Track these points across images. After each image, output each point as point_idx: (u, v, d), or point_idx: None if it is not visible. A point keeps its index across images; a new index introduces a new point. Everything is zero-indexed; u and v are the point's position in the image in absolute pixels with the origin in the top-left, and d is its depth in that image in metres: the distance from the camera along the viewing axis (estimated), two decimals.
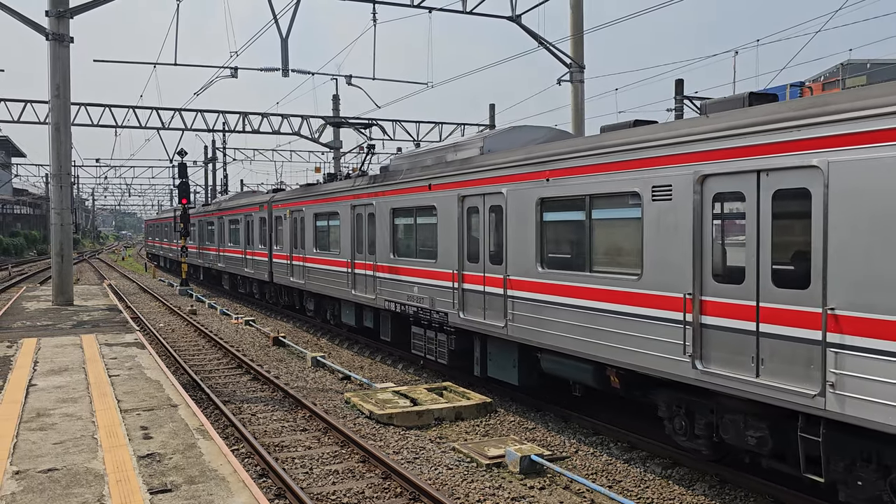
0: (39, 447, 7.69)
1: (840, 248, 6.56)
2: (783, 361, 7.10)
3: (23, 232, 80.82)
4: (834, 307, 6.63)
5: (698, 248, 8.02)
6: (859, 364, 6.44)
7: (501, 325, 11.50)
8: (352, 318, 18.14)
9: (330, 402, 12.71)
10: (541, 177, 10.53)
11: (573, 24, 22.57)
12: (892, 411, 6.16)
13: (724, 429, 8.12)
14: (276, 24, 20.99)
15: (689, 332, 8.05)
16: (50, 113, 20.60)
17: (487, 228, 11.97)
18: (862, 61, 44.49)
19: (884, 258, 6.21)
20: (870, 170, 6.31)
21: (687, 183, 8.10)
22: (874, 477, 6.66)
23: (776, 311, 7.18)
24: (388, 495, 8.26)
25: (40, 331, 16.24)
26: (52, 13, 19.82)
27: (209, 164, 57.90)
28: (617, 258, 9.37)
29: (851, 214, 6.47)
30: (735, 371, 7.56)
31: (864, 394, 6.39)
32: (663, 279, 8.44)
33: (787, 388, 6.99)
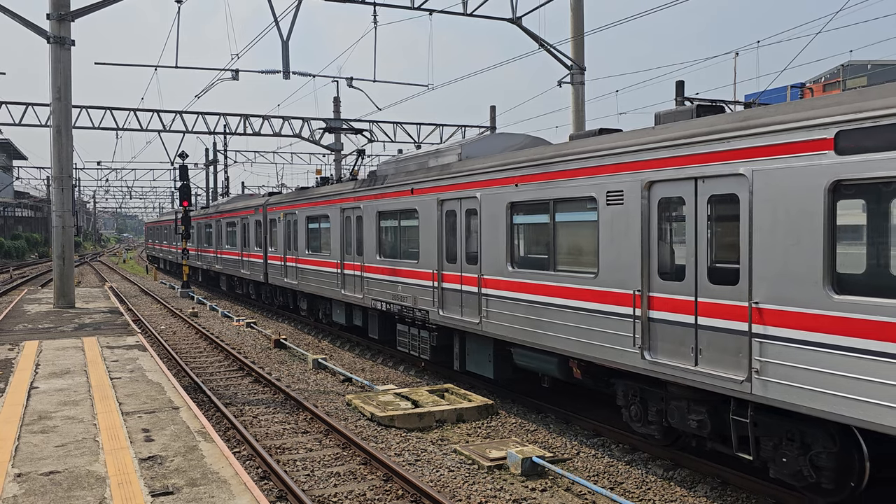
0: (41, 450, 7.69)
1: (762, 247, 7.29)
2: (717, 351, 7.81)
3: (24, 234, 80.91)
4: (758, 301, 7.34)
5: (646, 248, 8.74)
6: (779, 352, 7.15)
7: (476, 321, 12.14)
8: (342, 317, 18.82)
9: (331, 404, 12.71)
10: (511, 182, 11.25)
11: (573, 25, 22.59)
12: (808, 394, 6.86)
13: (671, 414, 8.84)
14: (277, 26, 21.02)
15: (639, 325, 8.77)
16: (51, 116, 20.61)
17: (464, 231, 12.69)
18: (863, 62, 44.49)
19: (796, 257, 6.98)
20: (785, 178, 7.07)
21: (636, 188, 8.83)
22: (796, 454, 7.37)
23: (712, 306, 7.90)
24: (390, 497, 8.26)
25: (42, 333, 16.25)
26: (54, 16, 19.85)
27: (210, 166, 57.96)
28: (577, 258, 10.13)
29: (771, 217, 7.21)
30: (678, 361, 8.27)
31: (783, 379, 7.11)
32: (616, 277, 9.19)
33: (721, 374, 7.72)
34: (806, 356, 6.89)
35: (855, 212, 6.72)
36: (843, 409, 6.61)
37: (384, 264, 15.63)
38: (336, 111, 38.21)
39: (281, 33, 21.09)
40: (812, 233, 6.84)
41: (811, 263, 6.85)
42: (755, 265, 7.36)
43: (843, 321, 6.60)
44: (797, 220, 6.96)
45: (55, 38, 19.84)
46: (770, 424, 7.60)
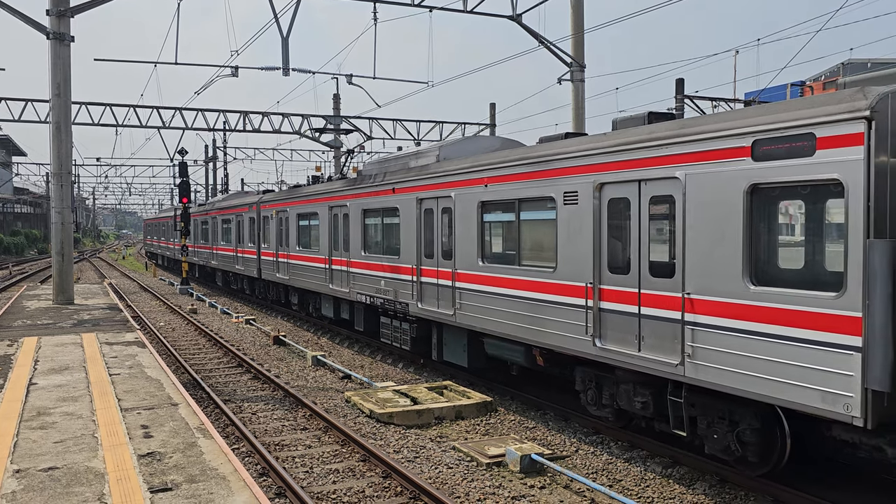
0: (40, 446, 7.69)
1: (693, 244, 8.09)
2: (657, 338, 8.61)
3: (23, 231, 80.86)
4: (689, 292, 8.15)
5: (598, 244, 9.54)
6: (707, 338, 7.94)
7: (451, 313, 12.98)
8: (330, 310, 19.68)
9: (330, 401, 12.72)
10: (481, 183, 12.07)
11: (573, 23, 22.57)
12: (732, 376, 7.64)
13: (620, 397, 9.65)
14: (277, 22, 20.99)
15: (591, 315, 9.60)
16: (51, 112, 20.59)
17: (440, 228, 13.49)
18: (862, 60, 44.49)
19: (720, 252, 7.79)
20: (712, 181, 7.88)
21: (588, 190, 9.65)
22: (725, 431, 8.16)
23: (652, 297, 8.71)
24: (389, 494, 8.27)
25: (41, 329, 16.25)
26: (53, 12, 19.81)
27: (210, 163, 57.93)
28: (539, 253, 10.91)
29: (700, 217, 8.01)
30: (624, 347, 9.08)
31: (711, 362, 7.88)
32: (572, 271, 10.01)
33: (659, 359, 8.52)
34: (729, 341, 7.68)
35: (769, 212, 7.52)
36: (761, 390, 7.34)
37: (368, 260, 16.42)
38: (336, 108, 38.19)
39: (281, 30, 21.06)
40: (733, 230, 7.64)
41: (733, 258, 7.64)
42: (687, 260, 8.17)
43: (760, 309, 7.37)
44: (721, 219, 7.77)
45: (54, 34, 19.80)
46: (702, 404, 8.38)
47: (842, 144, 6.68)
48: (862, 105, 6.50)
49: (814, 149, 6.88)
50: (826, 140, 6.79)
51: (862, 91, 6.65)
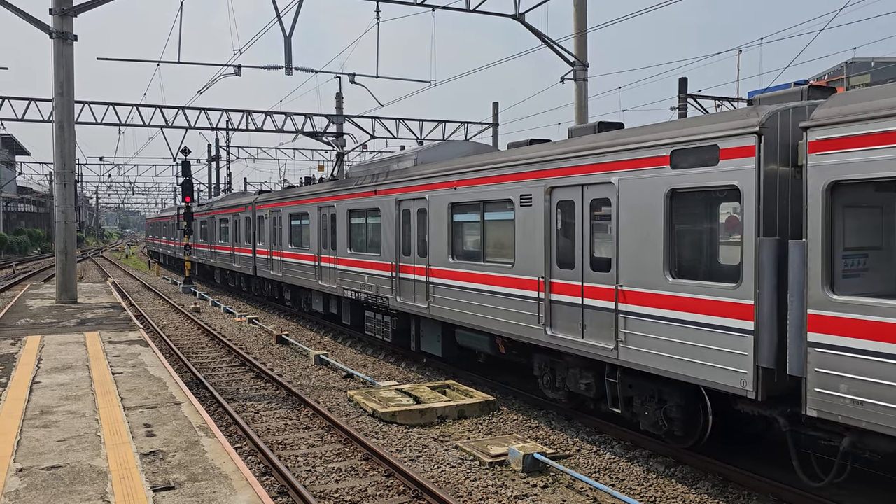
0: (43, 444, 7.70)
1: (625, 241, 9.08)
2: (596, 326, 9.63)
3: (27, 230, 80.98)
4: (622, 284, 9.14)
5: (549, 242, 10.55)
6: (635, 325, 8.94)
7: (426, 306, 13.94)
8: (320, 305, 20.74)
9: (333, 400, 12.72)
10: (451, 185, 13.05)
11: (576, 22, 22.53)
12: (656, 358, 8.62)
13: (568, 380, 10.70)
14: (280, 21, 20.99)
15: (543, 306, 10.63)
16: (54, 111, 20.61)
17: (416, 227, 14.43)
18: (866, 59, 44.39)
19: (646, 248, 8.79)
20: (639, 186, 8.85)
21: (541, 193, 10.63)
22: (655, 408, 9.15)
23: (593, 289, 9.72)
24: (391, 493, 8.27)
25: (44, 328, 16.27)
26: (56, 11, 19.83)
27: (213, 162, 57.97)
28: (500, 250, 11.86)
29: (630, 217, 8.99)
30: (570, 335, 10.10)
31: (639, 346, 8.88)
32: (527, 266, 11.00)
33: (598, 345, 9.55)
34: (653, 327, 8.68)
35: (684, 213, 8.52)
36: (679, 370, 8.35)
37: (353, 257, 17.47)
38: (338, 107, 38.18)
39: (283, 29, 21.05)
40: (656, 229, 8.64)
41: (656, 253, 8.66)
42: (621, 255, 9.16)
43: (677, 299, 8.38)
44: (647, 219, 8.78)
45: (58, 33, 19.82)
46: (635, 385, 9.43)
47: (738, 155, 7.66)
48: (754, 121, 7.47)
49: (717, 158, 7.90)
50: (727, 151, 7.78)
51: (755, 109, 7.65)
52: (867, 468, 8.71)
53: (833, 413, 6.81)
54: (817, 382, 6.91)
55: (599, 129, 10.29)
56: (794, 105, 7.64)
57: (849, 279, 6.96)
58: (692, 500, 8.22)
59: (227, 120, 35.50)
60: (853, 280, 6.98)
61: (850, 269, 7.00)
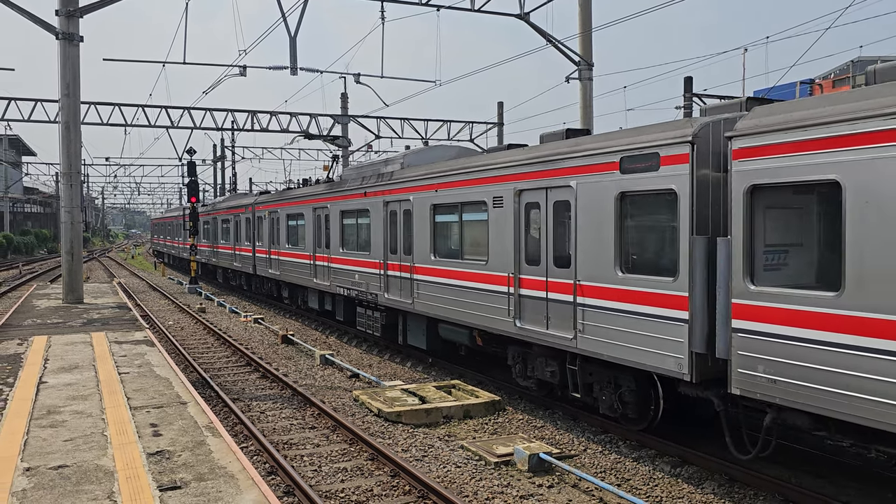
0: (50, 444, 7.73)
1: (582, 239, 9.95)
2: (558, 317, 10.47)
3: (33, 230, 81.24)
4: (580, 279, 10.01)
5: (518, 240, 11.37)
6: (592, 316, 9.79)
7: (410, 302, 14.78)
8: (315, 302, 21.56)
9: (338, 399, 12.73)
10: (433, 188, 13.93)
11: (581, 21, 22.50)
12: (609, 346, 9.46)
13: (537, 369, 11.51)
14: (285, 22, 21.01)
15: (513, 300, 11.48)
16: (60, 112, 20.68)
17: (402, 227, 15.26)
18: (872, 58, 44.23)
19: (599, 246, 9.68)
20: (594, 189, 9.71)
21: (511, 195, 11.47)
22: (611, 393, 10.03)
23: (556, 284, 10.59)
24: (397, 493, 8.27)
25: (51, 328, 16.33)
26: (62, 12, 19.89)
27: (218, 162, 58.08)
28: (476, 248, 12.68)
29: (586, 218, 9.86)
30: (536, 326, 10.94)
31: (594, 335, 9.74)
32: (499, 263, 11.87)
33: (560, 335, 10.39)
34: (606, 318, 9.52)
35: (632, 214, 9.29)
36: (629, 356, 9.18)
37: (345, 256, 18.34)
38: (343, 107, 38.21)
39: (289, 29, 21.07)
40: (608, 228, 9.50)
41: (608, 250, 9.51)
42: (578, 253, 10.02)
43: (626, 292, 9.21)
44: (600, 220, 9.63)
45: (64, 34, 19.88)
46: (593, 371, 10.30)
47: (675, 162, 8.48)
48: (688, 132, 8.30)
49: (658, 165, 8.72)
50: (666, 158, 8.60)
51: (690, 121, 8.55)
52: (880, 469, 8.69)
53: (752, 391, 7.60)
54: (739, 364, 7.70)
55: (567, 136, 11.08)
56: (724, 117, 8.43)
57: (770, 272, 7.70)
58: (698, 500, 8.21)
59: (233, 120, 35.57)
60: (774, 273, 7.72)
61: (771, 263, 7.74)
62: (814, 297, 6.94)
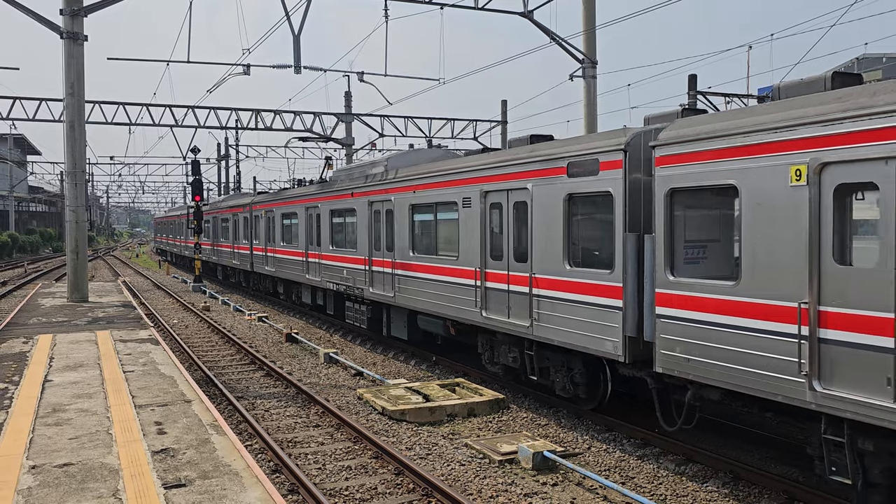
0: (55, 442, 7.76)
1: (537, 236, 10.96)
2: (518, 307, 11.48)
3: (38, 229, 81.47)
4: (535, 272, 11.01)
5: (484, 237, 12.41)
6: (545, 305, 10.81)
7: (392, 295, 15.80)
8: (308, 297, 22.60)
9: (343, 398, 12.74)
10: (411, 189, 14.99)
11: (585, 19, 22.47)
12: (559, 333, 10.52)
13: (501, 356, 12.46)
14: (289, 21, 21.02)
15: (480, 292, 12.49)
16: (64, 111, 20.73)
17: (385, 225, 16.27)
18: (877, 55, 44.06)
19: (551, 242, 10.65)
20: (547, 191, 10.73)
21: (478, 196, 12.52)
22: (564, 375, 11.06)
23: (516, 277, 11.58)
24: (401, 491, 8.28)
25: (56, 327, 16.38)
26: (67, 11, 19.94)
27: (222, 161, 58.15)
28: (449, 245, 13.64)
29: (540, 217, 10.86)
30: (500, 315, 11.95)
31: (547, 323, 10.78)
32: (468, 258, 12.87)
33: (519, 323, 11.41)
34: (557, 307, 10.56)
35: (577, 213, 10.35)
36: (576, 341, 10.22)
37: (335, 253, 19.37)
38: (347, 106, 38.22)
39: (292, 28, 21.09)
40: (558, 226, 10.50)
41: (558, 246, 10.53)
42: (534, 248, 11.03)
43: (573, 283, 10.24)
44: (552, 219, 10.62)
45: (68, 33, 19.93)
46: (549, 356, 11.29)
47: (611, 167, 9.44)
48: (622, 140, 9.26)
49: (598, 170, 9.69)
50: (604, 164, 9.56)
51: (624, 131, 9.48)
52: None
53: (672, 369, 8.53)
54: (662, 346, 8.65)
55: (531, 142, 11.89)
56: (655, 127, 9.24)
57: (689, 265, 8.69)
58: (702, 498, 8.20)
59: (237, 119, 35.62)
60: (693, 266, 8.72)
61: (690, 257, 8.73)
62: (717, 286, 7.93)
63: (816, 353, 6.84)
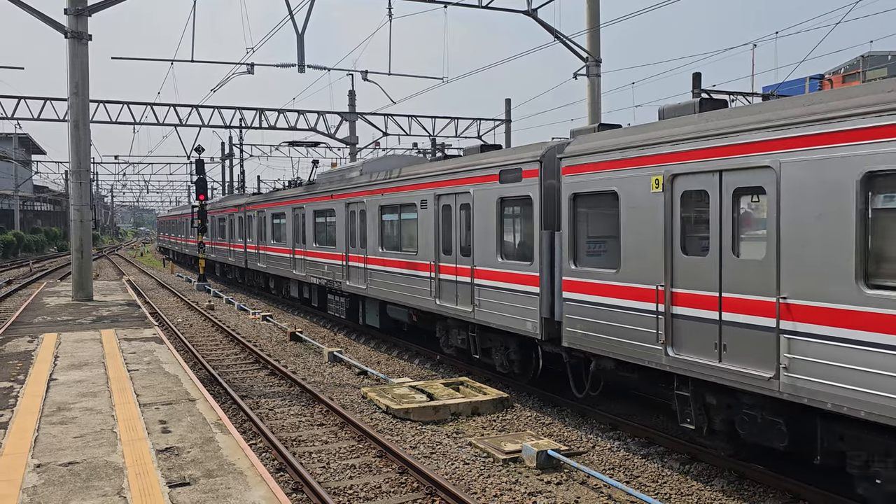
0: (60, 441, 7.77)
1: (477, 233, 12.66)
2: (464, 295, 13.16)
3: (43, 228, 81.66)
4: (476, 265, 12.71)
5: (438, 234, 14.03)
6: (484, 293, 12.50)
7: (364, 287, 17.60)
8: (296, 292, 24.46)
9: (347, 397, 12.75)
10: (380, 192, 16.71)
11: (589, 17, 22.42)
12: (493, 316, 12.22)
13: (452, 338, 14.28)
14: (292, 19, 21.02)
15: (434, 283, 14.14)
16: (69, 110, 20.76)
17: (359, 224, 17.97)
18: (883, 53, 43.92)
19: (487, 238, 12.40)
20: (484, 194, 12.45)
21: (432, 199, 14.20)
22: (501, 354, 12.74)
23: (462, 269, 13.28)
24: (405, 490, 8.28)
25: (61, 326, 16.42)
26: (71, 11, 19.96)
27: (226, 160, 58.19)
28: (411, 242, 15.28)
29: (481, 216, 12.54)
30: (449, 303, 13.66)
31: (486, 308, 12.45)
32: (424, 253, 14.53)
33: (464, 309, 13.10)
34: (492, 294, 12.27)
35: (508, 214, 12.06)
36: (506, 323, 11.87)
37: (318, 250, 21.06)
38: (351, 105, 38.22)
39: (296, 27, 21.08)
40: (493, 225, 12.20)
41: (493, 242, 12.20)
42: (475, 244, 12.71)
43: (504, 274, 11.92)
44: (488, 219, 12.36)
45: (72, 32, 19.95)
46: (490, 338, 13.07)
47: (530, 175, 11.24)
48: (538, 153, 11.09)
49: (521, 177, 11.45)
50: (526, 172, 11.36)
51: (540, 145, 11.25)
52: None
53: (574, 344, 10.29)
54: (567, 324, 10.42)
55: (482, 150, 13.58)
56: (564, 142, 10.95)
57: (592, 257, 10.26)
58: (707, 498, 8.18)
59: (241, 118, 35.65)
60: (593, 258, 10.26)
61: (592, 250, 10.28)
62: (605, 274, 9.70)
63: (670, 325, 8.64)
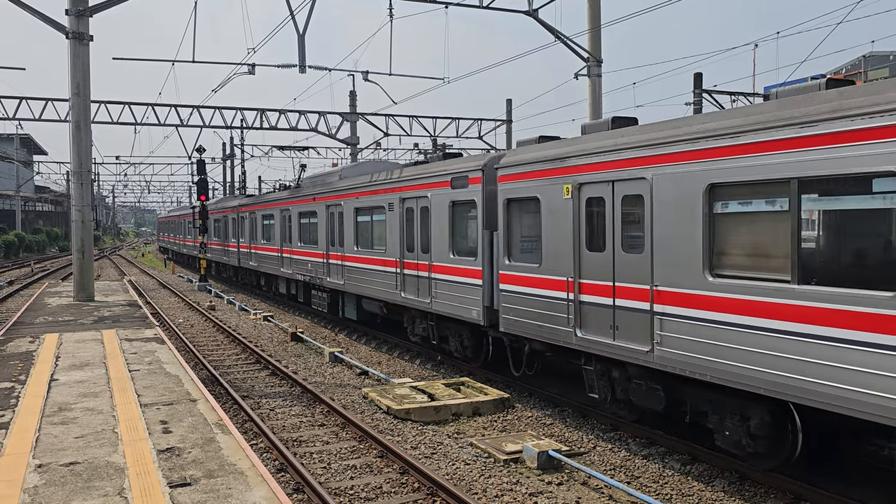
0: (61, 441, 7.78)
1: (434, 232, 14.19)
2: (423, 288, 14.69)
3: (45, 229, 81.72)
4: (433, 261, 14.24)
5: (403, 234, 15.58)
6: (439, 285, 14.03)
7: (342, 283, 19.20)
8: (284, 288, 26.18)
9: (348, 397, 12.75)
10: (355, 195, 18.32)
11: (590, 17, 22.41)
12: (446, 306, 13.77)
13: (417, 328, 15.90)
14: (293, 20, 21.03)
15: (400, 278, 15.71)
16: (70, 111, 20.77)
17: (338, 225, 19.62)
18: (884, 53, 43.87)
19: (441, 238, 13.95)
20: (439, 199, 14.03)
21: (398, 202, 15.81)
22: (457, 340, 14.42)
23: (422, 265, 14.78)
24: (406, 490, 8.27)
25: (62, 326, 16.43)
26: (72, 12, 19.98)
27: (227, 160, 58.23)
28: (380, 241, 16.88)
29: (437, 218, 14.13)
30: (413, 296, 15.16)
31: (441, 299, 14.00)
32: (392, 251, 16.11)
33: (423, 301, 14.64)
34: (446, 286, 13.78)
35: (459, 215, 13.60)
36: (456, 312, 13.51)
37: (303, 249, 22.64)
38: (352, 105, 38.22)
39: (297, 27, 21.09)
40: (446, 225, 13.75)
41: (445, 240, 13.79)
42: (433, 241, 14.29)
43: (456, 269, 13.45)
44: (442, 220, 13.90)
45: (74, 33, 19.97)
46: (446, 326, 14.69)
47: (475, 182, 12.91)
48: (480, 163, 12.75)
49: (468, 183, 13.13)
50: (471, 179, 13.02)
51: (484, 156, 12.97)
52: None
53: (509, 329, 11.87)
54: (503, 312, 11.94)
55: (444, 157, 15.06)
56: (501, 153, 12.62)
57: (525, 253, 11.57)
58: (708, 498, 8.17)
59: (242, 118, 35.66)
60: (525, 254, 11.55)
61: (526, 247, 11.56)
62: (531, 267, 11.19)
63: (578, 310, 10.20)
